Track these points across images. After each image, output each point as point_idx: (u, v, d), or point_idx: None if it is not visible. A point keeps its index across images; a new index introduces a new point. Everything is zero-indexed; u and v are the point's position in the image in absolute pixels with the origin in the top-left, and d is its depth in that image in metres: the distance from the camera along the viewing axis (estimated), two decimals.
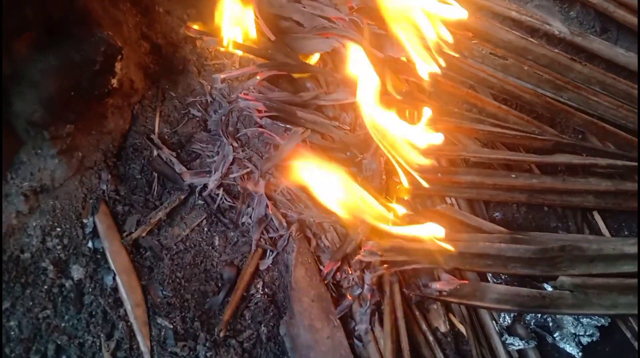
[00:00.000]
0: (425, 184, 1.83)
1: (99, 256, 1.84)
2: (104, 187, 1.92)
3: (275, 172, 1.97)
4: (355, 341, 1.80)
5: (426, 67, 1.90)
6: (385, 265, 1.79)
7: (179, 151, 2.05)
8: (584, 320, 1.85)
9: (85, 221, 1.86)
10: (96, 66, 1.80)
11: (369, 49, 1.96)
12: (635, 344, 1.84)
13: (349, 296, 1.84)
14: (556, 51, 2.10)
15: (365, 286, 1.82)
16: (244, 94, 1.92)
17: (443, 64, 1.93)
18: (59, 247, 1.81)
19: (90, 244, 1.84)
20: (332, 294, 1.84)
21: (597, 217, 2.05)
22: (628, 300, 1.77)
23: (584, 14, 2.26)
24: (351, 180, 1.80)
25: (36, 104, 1.72)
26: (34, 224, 1.80)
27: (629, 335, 1.87)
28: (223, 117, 2.02)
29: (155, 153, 2.01)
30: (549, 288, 1.82)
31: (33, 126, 1.75)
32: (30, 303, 1.74)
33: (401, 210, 1.81)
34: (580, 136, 2.14)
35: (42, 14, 1.64)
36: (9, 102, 1.70)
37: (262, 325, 1.83)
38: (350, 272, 1.86)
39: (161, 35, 2.18)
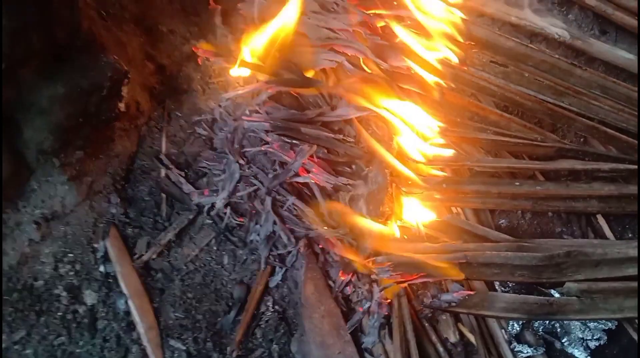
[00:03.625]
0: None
1: (110, 280, 1.84)
2: (114, 210, 1.92)
3: (282, 189, 1.96)
4: (367, 355, 1.81)
5: (431, 78, 1.91)
6: (394, 279, 1.81)
7: (186, 170, 2.04)
8: (592, 325, 1.88)
9: (96, 245, 1.86)
10: (104, 92, 1.79)
11: (373, 60, 1.96)
12: None
13: (359, 309, 1.84)
14: (556, 56, 2.09)
15: (374, 300, 1.83)
16: (248, 116, 1.93)
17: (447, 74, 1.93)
18: (71, 273, 1.81)
19: (102, 268, 1.84)
20: (342, 309, 1.85)
21: (601, 221, 2.06)
22: (633, 303, 1.79)
23: (582, 17, 2.25)
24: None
25: (45, 132, 1.71)
26: (47, 251, 1.81)
27: (635, 336, 1.89)
28: (229, 135, 2.01)
29: (163, 173, 2.01)
30: (556, 295, 1.84)
31: (43, 154, 1.75)
32: (45, 330, 1.75)
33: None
34: (582, 141, 2.14)
35: (47, 40, 1.62)
36: (19, 130, 1.69)
37: (274, 343, 1.84)
38: (359, 286, 1.87)
39: (165, 54, 2.16)
